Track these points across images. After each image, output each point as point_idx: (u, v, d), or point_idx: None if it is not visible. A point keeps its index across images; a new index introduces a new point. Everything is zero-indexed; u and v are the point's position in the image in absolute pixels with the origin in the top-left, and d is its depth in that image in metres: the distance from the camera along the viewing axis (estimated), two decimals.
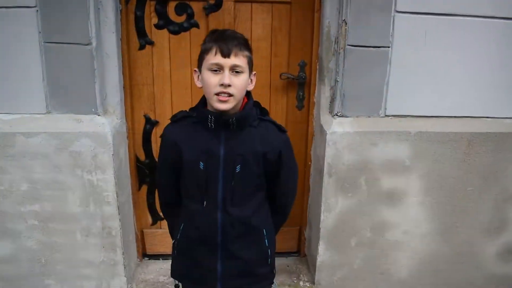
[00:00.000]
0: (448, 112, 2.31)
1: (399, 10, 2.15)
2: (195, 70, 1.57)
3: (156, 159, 2.53)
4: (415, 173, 2.31)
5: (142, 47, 2.35)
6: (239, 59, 1.45)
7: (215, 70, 1.45)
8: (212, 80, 1.45)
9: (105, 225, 2.30)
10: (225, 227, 1.57)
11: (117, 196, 2.26)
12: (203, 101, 1.58)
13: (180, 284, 1.78)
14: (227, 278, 1.63)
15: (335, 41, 2.26)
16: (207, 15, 2.33)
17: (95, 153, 2.19)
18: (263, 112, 1.63)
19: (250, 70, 1.53)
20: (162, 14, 2.32)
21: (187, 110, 1.65)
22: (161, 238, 2.66)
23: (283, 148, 1.61)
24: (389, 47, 2.20)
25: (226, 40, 1.44)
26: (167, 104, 2.46)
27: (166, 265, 2.64)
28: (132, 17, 2.30)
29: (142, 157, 2.53)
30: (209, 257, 1.62)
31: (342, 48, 2.20)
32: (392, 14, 2.15)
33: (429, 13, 2.17)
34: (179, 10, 2.33)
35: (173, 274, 1.77)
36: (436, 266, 2.47)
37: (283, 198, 1.74)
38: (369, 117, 2.29)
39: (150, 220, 2.65)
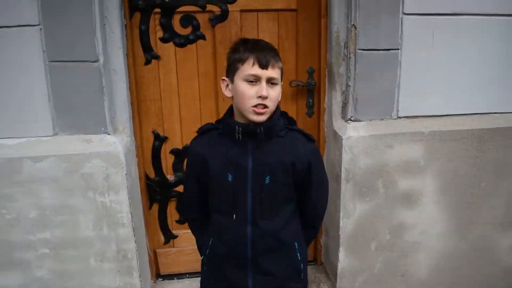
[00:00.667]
0: (458, 110, 2.34)
1: (407, 12, 2.17)
2: (223, 79, 1.52)
3: (167, 176, 2.46)
4: (430, 173, 2.32)
5: (148, 62, 2.29)
6: (275, 71, 1.43)
7: (251, 81, 1.41)
8: (249, 92, 1.41)
9: (120, 248, 2.20)
10: (254, 241, 1.53)
11: (131, 217, 2.18)
12: (229, 112, 1.55)
13: None
14: None
15: (344, 46, 2.26)
16: (213, 26, 2.29)
17: (107, 174, 2.10)
18: (291, 121, 1.60)
19: (281, 81, 1.51)
20: (167, 27, 2.26)
21: (213, 123, 1.62)
22: (175, 257, 2.57)
23: (311, 158, 1.57)
24: (398, 49, 2.21)
25: (263, 51, 1.42)
26: (176, 119, 2.40)
27: (182, 285, 2.57)
28: (136, 31, 2.24)
29: (151, 174, 2.45)
30: (239, 272, 1.56)
31: (352, 52, 2.21)
32: (400, 16, 2.17)
33: (436, 14, 2.19)
34: (184, 22, 2.28)
35: None
36: (454, 263, 2.48)
37: (313, 211, 1.69)
38: (382, 120, 2.30)
39: (162, 239, 2.56)
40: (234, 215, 1.52)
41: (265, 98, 1.40)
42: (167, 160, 2.46)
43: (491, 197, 2.40)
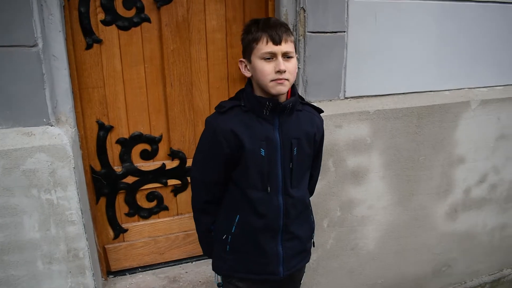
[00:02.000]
0: (399, 89, 2.48)
1: None
2: (240, 61, 1.59)
3: (114, 168, 2.33)
4: (375, 150, 2.45)
5: (89, 47, 2.12)
6: (288, 45, 1.50)
7: (268, 58, 1.48)
8: (267, 68, 1.49)
9: (70, 247, 2.05)
10: (287, 209, 1.63)
11: (82, 214, 2.03)
12: (249, 89, 1.60)
13: (222, 283, 1.79)
14: (287, 260, 1.69)
15: (293, 29, 2.27)
16: (158, 8, 2.18)
17: (53, 169, 1.93)
18: (300, 96, 1.72)
19: (295, 52, 1.59)
20: (109, 9, 2.11)
21: (232, 100, 1.66)
22: (126, 251, 2.46)
23: (323, 128, 1.78)
24: (345, 31, 2.28)
25: (274, 28, 1.49)
26: (121, 106, 2.27)
27: (135, 279, 2.47)
28: (76, 13, 2.06)
29: (97, 167, 2.30)
30: (272, 242, 1.66)
31: (302, 35, 2.23)
32: (346, 0, 2.24)
33: None
34: (127, 4, 2.14)
35: (225, 272, 1.77)
36: (398, 233, 2.66)
37: (316, 176, 1.92)
38: (330, 100, 2.37)
39: (111, 234, 2.43)
40: (269, 188, 1.59)
41: (283, 72, 1.47)
42: (113, 151, 2.32)
43: (428, 169, 2.60)
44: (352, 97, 2.40)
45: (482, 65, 2.64)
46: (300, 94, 2.27)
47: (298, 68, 2.28)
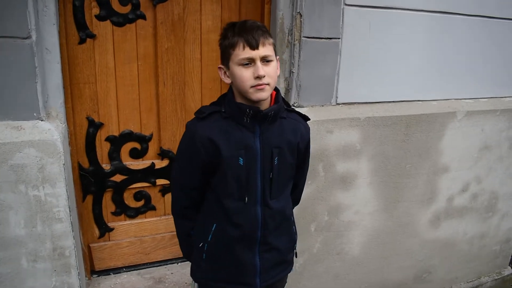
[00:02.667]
0: (388, 98, 2.52)
1: (348, 3, 2.27)
2: (219, 67, 1.53)
3: (102, 165, 2.29)
4: (364, 156, 2.48)
5: (82, 41, 2.09)
6: (267, 48, 1.44)
7: (246, 64, 1.42)
8: (246, 74, 1.43)
9: (56, 245, 2.00)
10: (266, 220, 1.58)
11: (69, 211, 1.99)
12: (231, 94, 1.54)
13: None
14: (265, 271, 1.64)
15: (289, 33, 2.28)
16: (154, 5, 2.16)
17: (42, 165, 1.89)
18: (285, 102, 1.65)
19: (275, 56, 1.53)
20: (104, 4, 2.08)
21: (212, 106, 1.60)
22: (111, 251, 2.42)
23: (308, 136, 1.70)
24: (339, 38, 2.31)
25: (250, 32, 1.42)
26: (112, 103, 2.23)
27: (120, 279, 2.43)
28: (70, 7, 2.02)
29: (85, 164, 2.26)
30: (248, 253, 1.61)
31: (297, 39, 2.24)
32: (342, 7, 2.26)
33: (372, 6, 2.33)
34: (123, 0, 2.11)
35: (200, 279, 1.73)
36: (382, 239, 2.70)
37: (302, 186, 1.87)
38: (322, 106, 2.39)
39: (97, 232, 2.39)
40: (247, 198, 1.54)
41: (263, 77, 1.42)
42: (103, 148, 2.29)
43: (413, 177, 2.64)
44: (343, 103, 2.43)
45: (468, 77, 2.72)
46: (293, 98, 2.31)
47: (292, 72, 2.29)
